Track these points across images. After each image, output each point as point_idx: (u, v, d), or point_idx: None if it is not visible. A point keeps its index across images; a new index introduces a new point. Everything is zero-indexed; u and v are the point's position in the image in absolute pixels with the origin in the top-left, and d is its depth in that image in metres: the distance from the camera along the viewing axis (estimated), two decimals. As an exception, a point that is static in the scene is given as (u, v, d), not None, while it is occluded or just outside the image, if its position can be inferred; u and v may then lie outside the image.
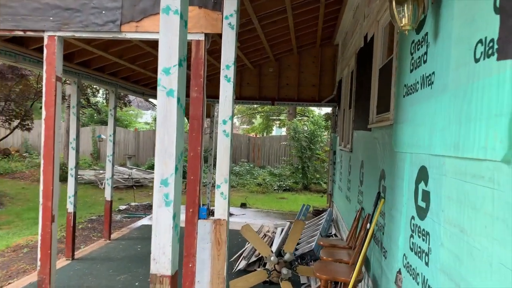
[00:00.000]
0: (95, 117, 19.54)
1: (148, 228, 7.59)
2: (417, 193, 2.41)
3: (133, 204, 10.10)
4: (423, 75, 2.42)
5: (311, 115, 17.71)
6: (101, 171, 13.76)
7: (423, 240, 2.23)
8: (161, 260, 1.73)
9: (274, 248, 5.76)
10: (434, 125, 2.13)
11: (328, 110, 18.50)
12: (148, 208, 9.62)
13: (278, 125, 23.47)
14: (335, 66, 8.64)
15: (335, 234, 6.62)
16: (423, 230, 2.24)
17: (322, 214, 7.69)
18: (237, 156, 16.92)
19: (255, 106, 22.06)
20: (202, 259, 2.93)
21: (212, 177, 9.80)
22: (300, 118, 17.65)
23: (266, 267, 5.03)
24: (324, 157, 13.69)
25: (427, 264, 2.14)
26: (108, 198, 6.83)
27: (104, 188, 12.81)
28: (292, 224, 7.48)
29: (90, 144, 18.02)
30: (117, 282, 4.79)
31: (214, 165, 17.05)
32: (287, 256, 4.89)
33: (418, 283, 2.27)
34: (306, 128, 14.27)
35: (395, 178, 3.02)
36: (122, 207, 9.77)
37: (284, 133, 19.92)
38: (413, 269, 2.39)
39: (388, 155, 3.33)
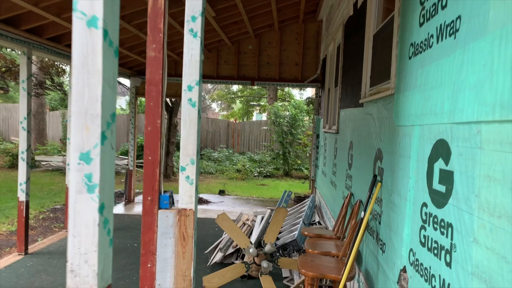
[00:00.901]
0: (66, 101, 18.43)
1: (116, 218, 6.98)
2: (432, 175, 1.91)
3: (102, 192, 9.39)
4: (440, 24, 1.90)
5: (292, 100, 17.19)
6: (70, 157, 12.92)
7: (442, 233, 1.74)
8: (83, 272, 1.17)
9: (254, 238, 5.27)
10: (461, 83, 1.62)
11: (310, 94, 18.04)
12: (119, 196, 8.96)
13: (258, 111, 22.88)
14: (319, 44, 8.10)
15: (318, 222, 6.17)
16: (442, 220, 1.75)
17: (305, 201, 7.24)
18: (216, 142, 16.31)
19: (234, 90, 21.39)
20: (163, 258, 2.38)
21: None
22: (281, 104, 17.12)
23: (245, 259, 4.53)
24: (306, 141, 13.25)
25: (448, 264, 1.65)
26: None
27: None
28: (273, 212, 7.00)
29: (59, 130, 17.03)
30: (74, 280, 4.19)
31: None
32: (267, 248, 4.40)
33: (434, 287, 1.79)
34: (287, 113, 13.76)
35: (397, 158, 2.53)
36: (91, 195, 9.06)
37: (264, 119, 19.38)
38: (426, 268, 1.90)
39: (387, 131, 2.83)
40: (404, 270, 2.24)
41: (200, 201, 8.66)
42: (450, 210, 1.68)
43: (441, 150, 1.83)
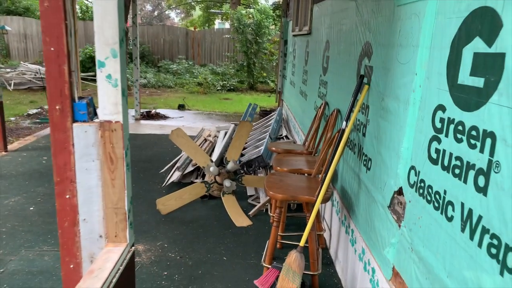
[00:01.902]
0: (-2, 6, 16.03)
1: (45, 138, 6.20)
2: (458, 64, 1.33)
3: (46, 107, 8.41)
4: None
5: (257, 5, 15.73)
6: (8, 70, 11.47)
7: (472, 146, 1.21)
8: None
9: (216, 155, 4.76)
10: None
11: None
12: (65, 112, 8.05)
13: (220, 19, 21.15)
14: None
15: (286, 136, 5.72)
16: (474, 128, 1.21)
17: (271, 114, 6.71)
18: (174, 53, 15.02)
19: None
20: (87, 187, 1.77)
21: (139, 74, 8.25)
22: (245, 11, 15.71)
23: (205, 179, 4.05)
24: (272, 49, 12.35)
25: (482, 190, 1.15)
26: (-5, 99, 5.25)
27: (14, 89, 10.74)
28: (236, 127, 6.47)
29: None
30: (4, 208, 3.58)
31: (149, 61, 14.92)
32: (230, 165, 3.91)
33: (451, 218, 1.32)
34: (252, 21, 12.57)
35: (395, 51, 1.92)
36: (33, 111, 8.09)
37: (228, 27, 17.93)
38: (437, 193, 1.42)
39: (380, 17, 2.18)
40: (399, 192, 1.77)
41: (157, 116, 7.95)
42: (491, 113, 1.14)
43: (478, 25, 1.22)
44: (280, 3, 12.83)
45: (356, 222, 2.39)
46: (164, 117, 7.97)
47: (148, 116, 7.85)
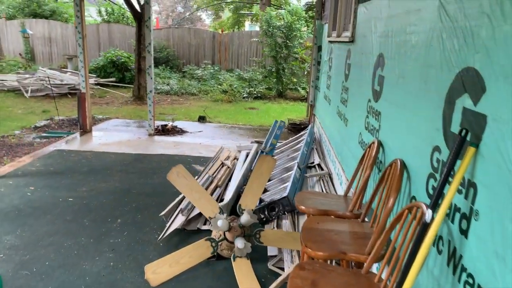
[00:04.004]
0: (25, 9, 15.84)
1: (61, 155, 5.47)
2: None
3: (57, 118, 7.79)
4: None
5: (288, 6, 14.68)
6: (27, 76, 11.02)
7: None
8: None
9: (230, 193, 3.82)
10: None
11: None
12: (75, 124, 7.38)
13: (250, 21, 20.25)
14: None
15: (319, 165, 4.71)
16: None
17: (301, 133, 5.71)
18: (200, 57, 14.24)
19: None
20: None
21: (152, 85, 7.44)
22: (275, 12, 14.71)
23: (212, 235, 3.11)
24: (304, 55, 11.30)
25: None
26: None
27: (31, 96, 10.26)
28: (260, 146, 5.51)
29: (20, 42, 14.75)
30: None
31: (174, 65, 13.98)
32: (244, 218, 2.95)
33: None
34: (282, 23, 11.56)
35: None
36: (41, 122, 7.46)
37: (257, 29, 17.01)
38: None
39: (514, 25, 1.16)
40: None
41: (173, 130, 7.12)
42: None
43: None
44: (314, 3, 11.77)
45: None
46: (181, 132, 7.13)
47: (164, 130, 7.04)
